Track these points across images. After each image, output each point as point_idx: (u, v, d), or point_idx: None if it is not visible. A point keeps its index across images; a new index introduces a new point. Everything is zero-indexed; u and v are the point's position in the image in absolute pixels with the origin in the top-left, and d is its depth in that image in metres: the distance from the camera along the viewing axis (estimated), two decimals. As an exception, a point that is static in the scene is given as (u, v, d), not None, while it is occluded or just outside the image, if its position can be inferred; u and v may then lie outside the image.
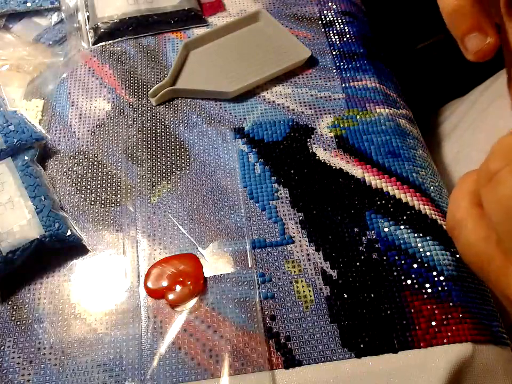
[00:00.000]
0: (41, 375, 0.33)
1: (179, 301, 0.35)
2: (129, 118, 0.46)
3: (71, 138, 0.45)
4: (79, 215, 0.40)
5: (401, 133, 0.44)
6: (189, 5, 0.52)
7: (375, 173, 0.41)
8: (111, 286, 0.37)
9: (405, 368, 0.33)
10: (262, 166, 0.42)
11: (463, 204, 0.21)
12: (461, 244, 0.21)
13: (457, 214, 0.21)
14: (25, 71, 0.49)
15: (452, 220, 0.22)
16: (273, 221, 0.39)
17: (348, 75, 0.48)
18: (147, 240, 0.39)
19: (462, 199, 0.21)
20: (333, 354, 0.33)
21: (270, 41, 0.50)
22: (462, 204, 0.21)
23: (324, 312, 0.35)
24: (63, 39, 0.52)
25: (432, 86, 0.71)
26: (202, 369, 0.33)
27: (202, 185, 0.41)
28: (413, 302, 0.35)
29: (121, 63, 0.50)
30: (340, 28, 0.52)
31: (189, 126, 0.45)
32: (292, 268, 0.37)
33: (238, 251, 0.38)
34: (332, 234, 0.38)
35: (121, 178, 0.42)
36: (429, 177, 0.42)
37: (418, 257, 0.37)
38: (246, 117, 0.46)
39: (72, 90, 0.48)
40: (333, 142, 0.44)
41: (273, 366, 0.33)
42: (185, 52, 0.50)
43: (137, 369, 0.33)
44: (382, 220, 0.39)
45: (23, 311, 0.36)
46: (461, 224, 0.21)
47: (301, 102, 0.46)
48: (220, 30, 0.51)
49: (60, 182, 0.42)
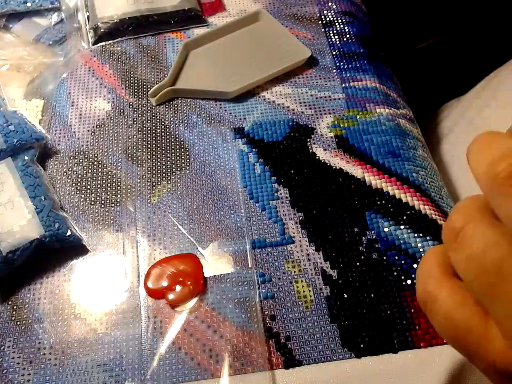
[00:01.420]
0: (41, 375, 0.33)
1: (179, 301, 0.35)
2: (129, 118, 0.46)
3: (71, 138, 0.45)
4: (79, 215, 0.40)
5: (401, 133, 0.44)
6: (189, 5, 0.52)
7: (375, 173, 0.41)
8: (111, 286, 0.37)
9: (405, 368, 0.33)
10: (262, 166, 0.42)
11: (433, 275, 0.20)
12: (435, 316, 0.20)
13: (428, 286, 0.20)
14: (25, 71, 0.49)
15: (423, 294, 0.20)
16: (273, 221, 0.39)
17: (348, 75, 0.48)
18: (147, 240, 0.39)
19: (431, 271, 0.20)
20: (333, 354, 0.33)
21: (270, 41, 0.50)
22: (431, 275, 0.20)
23: (323, 312, 0.35)
24: (63, 39, 0.52)
25: (431, 86, 0.71)
26: (202, 369, 0.33)
27: (202, 185, 0.41)
28: (413, 302, 0.35)
29: (121, 63, 0.50)
30: (340, 27, 0.52)
31: (189, 126, 0.45)
32: (292, 268, 0.37)
33: (238, 251, 0.38)
34: (332, 234, 0.38)
35: (121, 178, 0.42)
36: (429, 177, 0.42)
37: (418, 257, 0.37)
38: (246, 117, 0.46)
39: (72, 90, 0.48)
40: (333, 142, 0.44)
41: (273, 366, 0.33)
42: (185, 52, 0.50)
43: (137, 369, 0.33)
44: (382, 220, 0.39)
45: (23, 311, 0.36)
46: (434, 295, 0.19)
47: (301, 102, 0.46)
48: (220, 30, 0.51)
49: (60, 182, 0.42)
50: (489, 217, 0.18)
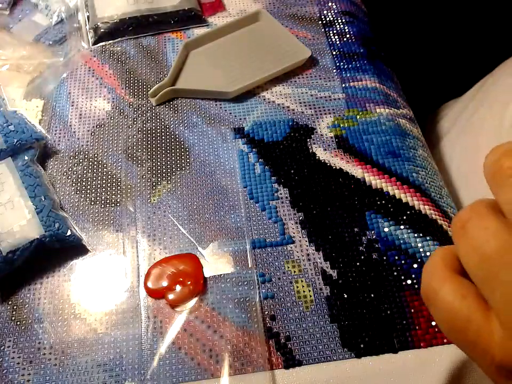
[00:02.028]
0: (41, 375, 0.33)
1: (179, 301, 0.35)
2: (129, 118, 0.46)
3: (71, 138, 0.45)
4: (79, 215, 0.40)
5: (401, 133, 0.44)
6: (189, 5, 0.52)
7: (375, 173, 0.41)
8: (111, 286, 0.37)
9: (405, 368, 0.33)
10: (262, 166, 0.42)
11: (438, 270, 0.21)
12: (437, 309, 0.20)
13: (432, 281, 0.21)
14: (25, 71, 0.49)
15: (427, 288, 0.21)
16: (273, 221, 0.39)
17: (348, 75, 0.48)
18: (147, 240, 0.39)
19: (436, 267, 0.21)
20: (333, 354, 0.33)
21: (270, 41, 0.50)
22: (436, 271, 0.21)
23: (323, 312, 0.35)
24: (63, 39, 0.52)
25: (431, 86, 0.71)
26: (202, 369, 0.33)
27: (202, 185, 0.41)
28: (413, 302, 0.35)
29: (121, 63, 0.50)
30: (340, 27, 0.52)
31: (189, 126, 0.45)
32: (292, 268, 0.37)
33: (238, 251, 0.38)
34: (332, 234, 0.38)
35: (121, 178, 0.42)
36: (429, 177, 0.42)
37: (418, 257, 0.37)
38: (246, 117, 0.46)
39: (72, 90, 0.48)
40: (333, 142, 0.44)
41: (273, 366, 0.33)
42: (185, 52, 0.50)
43: (137, 369, 0.33)
44: (382, 220, 0.39)
45: (23, 311, 0.36)
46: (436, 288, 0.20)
47: (301, 102, 0.46)
48: (220, 30, 0.51)
49: (60, 182, 0.42)
50: (495, 213, 0.19)
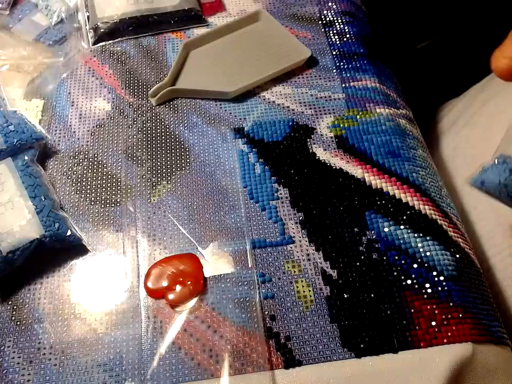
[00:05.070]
0: (41, 375, 0.33)
1: (179, 301, 0.35)
2: (129, 118, 0.46)
3: (71, 138, 0.45)
4: (79, 215, 0.40)
5: (401, 133, 0.44)
6: (189, 5, 0.52)
7: (375, 173, 0.41)
8: (111, 286, 0.37)
9: (405, 368, 0.33)
10: (262, 166, 0.42)
11: None
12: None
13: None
14: (25, 71, 0.49)
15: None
16: (273, 221, 0.39)
17: (348, 75, 0.48)
18: (147, 240, 0.39)
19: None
20: (333, 354, 0.33)
21: (270, 41, 0.50)
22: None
23: (324, 312, 0.35)
24: (63, 39, 0.52)
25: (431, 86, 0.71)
26: (202, 369, 0.33)
27: (202, 185, 0.41)
28: (413, 302, 0.35)
29: (121, 63, 0.50)
30: (340, 27, 0.52)
31: (189, 126, 0.45)
32: (292, 268, 0.37)
33: (238, 251, 0.38)
34: (332, 234, 0.38)
35: (121, 178, 0.42)
36: (429, 177, 0.42)
37: (418, 257, 0.37)
38: (246, 117, 0.46)
39: (72, 90, 0.48)
40: (333, 142, 0.44)
41: (273, 366, 0.33)
42: (185, 52, 0.50)
43: (137, 369, 0.33)
44: (382, 220, 0.39)
45: (23, 311, 0.36)
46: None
47: (301, 102, 0.46)
48: (220, 30, 0.51)
49: (60, 182, 0.42)
50: None
